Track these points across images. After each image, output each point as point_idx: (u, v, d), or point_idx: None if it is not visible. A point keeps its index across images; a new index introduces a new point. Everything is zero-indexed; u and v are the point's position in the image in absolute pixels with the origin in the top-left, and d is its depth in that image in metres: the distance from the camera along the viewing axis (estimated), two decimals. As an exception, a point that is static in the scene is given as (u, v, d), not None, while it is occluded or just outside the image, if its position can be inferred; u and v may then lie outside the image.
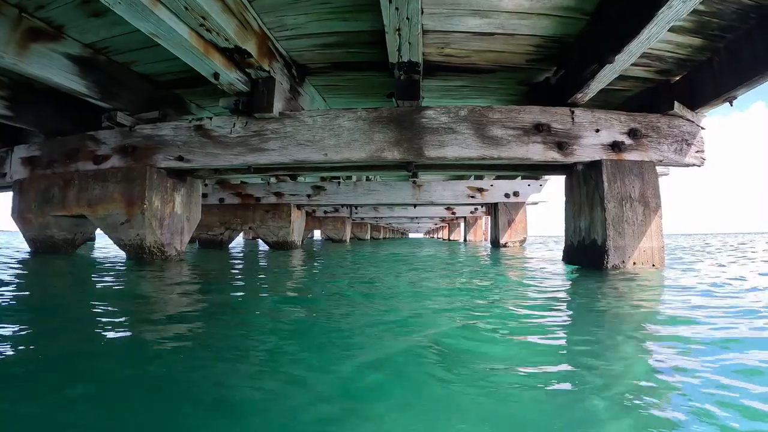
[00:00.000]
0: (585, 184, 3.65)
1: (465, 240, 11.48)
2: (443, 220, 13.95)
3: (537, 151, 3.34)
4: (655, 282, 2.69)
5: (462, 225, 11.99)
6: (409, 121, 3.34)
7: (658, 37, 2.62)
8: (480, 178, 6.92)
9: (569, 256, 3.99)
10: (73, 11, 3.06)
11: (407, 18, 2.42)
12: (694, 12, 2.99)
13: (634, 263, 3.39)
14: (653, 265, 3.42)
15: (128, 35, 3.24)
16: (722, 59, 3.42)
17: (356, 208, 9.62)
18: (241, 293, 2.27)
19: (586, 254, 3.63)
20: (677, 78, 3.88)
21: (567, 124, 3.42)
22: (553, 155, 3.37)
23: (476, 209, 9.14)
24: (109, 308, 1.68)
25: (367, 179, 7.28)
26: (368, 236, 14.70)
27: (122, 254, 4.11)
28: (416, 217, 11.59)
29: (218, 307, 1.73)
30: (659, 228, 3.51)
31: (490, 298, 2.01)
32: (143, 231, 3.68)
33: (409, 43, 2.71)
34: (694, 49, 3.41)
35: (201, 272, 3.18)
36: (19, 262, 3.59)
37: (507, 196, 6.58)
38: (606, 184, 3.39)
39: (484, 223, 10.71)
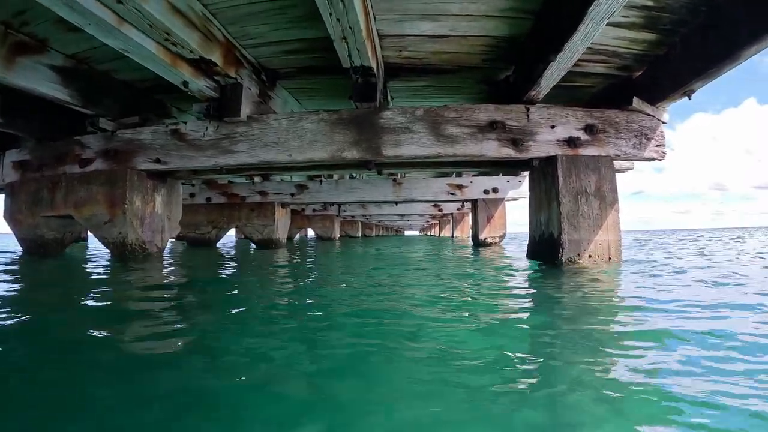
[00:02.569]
0: (544, 180, 3.76)
1: (453, 236, 11.59)
2: (433, 217, 14.05)
3: (491, 148, 3.46)
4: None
5: (451, 222, 12.10)
6: (368, 122, 3.50)
7: (596, 34, 2.67)
8: (459, 175, 7.04)
9: (532, 249, 4.10)
10: (54, 26, 3.28)
11: (350, 27, 2.57)
12: (642, 7, 3.06)
13: (590, 256, 3.48)
14: (609, 258, 3.51)
15: (106, 46, 3.42)
16: (678, 53, 3.46)
17: (343, 206, 9.81)
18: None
19: (545, 247, 3.73)
20: (639, 73, 3.93)
21: (522, 121, 3.53)
22: (508, 152, 3.48)
23: (463, 206, 9.23)
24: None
25: (351, 177, 7.45)
26: (359, 234, 14.89)
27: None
28: (405, 215, 11.73)
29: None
30: (616, 221, 3.59)
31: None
32: (125, 230, 3.92)
33: (358, 50, 2.86)
34: (650, 44, 3.47)
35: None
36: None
37: (486, 192, 6.69)
38: (561, 179, 3.49)
39: (471, 219, 10.87)
